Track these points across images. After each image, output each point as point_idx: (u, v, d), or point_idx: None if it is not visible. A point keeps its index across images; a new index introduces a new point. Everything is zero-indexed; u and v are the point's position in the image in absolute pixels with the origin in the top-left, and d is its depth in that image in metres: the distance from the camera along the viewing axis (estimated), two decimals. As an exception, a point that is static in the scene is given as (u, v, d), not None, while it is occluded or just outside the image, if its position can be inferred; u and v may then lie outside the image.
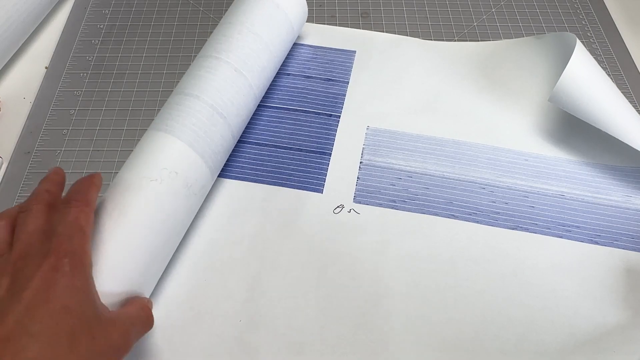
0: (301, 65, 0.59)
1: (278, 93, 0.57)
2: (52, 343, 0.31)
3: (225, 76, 0.48)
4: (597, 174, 0.51)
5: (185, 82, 0.47)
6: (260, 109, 0.55)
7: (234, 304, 0.44)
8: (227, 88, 0.47)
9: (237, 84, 0.48)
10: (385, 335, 0.43)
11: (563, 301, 0.45)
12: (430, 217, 0.49)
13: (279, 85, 0.57)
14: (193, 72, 0.48)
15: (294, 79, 0.58)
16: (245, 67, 0.49)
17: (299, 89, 0.57)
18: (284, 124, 0.54)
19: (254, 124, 0.54)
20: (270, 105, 0.56)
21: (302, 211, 0.49)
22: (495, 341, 0.43)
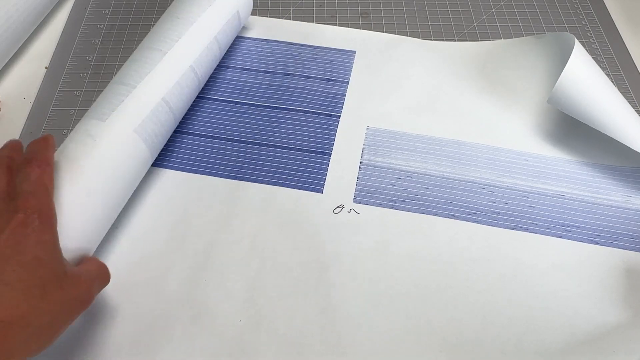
0: (301, 65, 0.59)
1: (278, 93, 0.57)
2: (25, 292, 0.33)
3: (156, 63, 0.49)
4: (597, 174, 0.51)
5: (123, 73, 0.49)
6: (260, 109, 0.56)
7: (234, 304, 0.44)
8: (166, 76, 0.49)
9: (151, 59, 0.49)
10: (385, 335, 0.43)
11: (563, 301, 0.45)
12: (430, 217, 0.49)
13: (279, 86, 0.57)
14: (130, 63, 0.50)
15: (294, 79, 0.58)
16: (161, 45, 0.50)
17: (298, 89, 0.57)
18: (284, 124, 0.54)
19: (253, 124, 0.55)
20: (270, 105, 0.56)
21: (302, 211, 0.49)
22: (495, 341, 0.43)
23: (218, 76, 0.58)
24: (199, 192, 0.50)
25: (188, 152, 0.53)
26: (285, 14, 0.65)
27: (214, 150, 0.53)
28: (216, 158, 0.52)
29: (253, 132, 0.54)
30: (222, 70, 0.58)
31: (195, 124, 0.54)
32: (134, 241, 0.47)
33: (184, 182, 0.51)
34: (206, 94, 0.57)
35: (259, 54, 0.60)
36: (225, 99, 0.56)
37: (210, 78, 0.58)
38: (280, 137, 0.54)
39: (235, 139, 0.53)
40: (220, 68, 0.59)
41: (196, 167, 0.52)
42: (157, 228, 0.48)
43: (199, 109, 0.55)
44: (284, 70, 0.59)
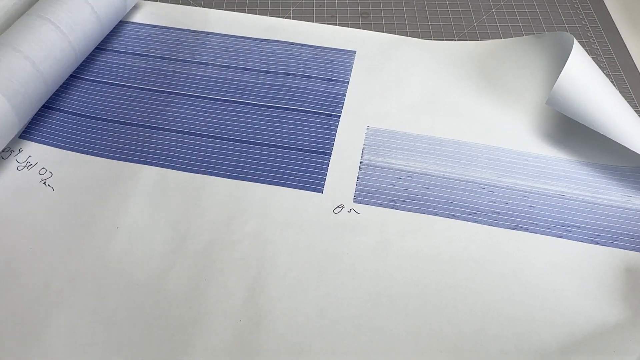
0: (301, 65, 0.59)
1: (278, 93, 0.57)
2: None
3: (35, 26, 0.51)
4: (597, 174, 0.51)
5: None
6: (260, 108, 0.56)
7: (234, 304, 0.44)
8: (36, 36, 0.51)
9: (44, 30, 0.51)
10: (385, 335, 0.43)
11: (563, 301, 0.45)
12: (430, 217, 0.49)
13: (279, 86, 0.57)
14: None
15: (294, 78, 0.58)
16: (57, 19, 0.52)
17: (299, 89, 0.57)
18: (284, 123, 0.54)
19: (253, 124, 0.54)
20: (270, 105, 0.56)
21: (302, 211, 0.49)
22: (495, 341, 0.43)
23: (218, 76, 0.58)
24: (199, 191, 0.50)
25: (188, 151, 0.53)
26: (285, 13, 0.65)
27: (215, 150, 0.53)
28: (216, 158, 0.52)
29: (253, 132, 0.54)
30: (222, 70, 0.59)
31: (195, 124, 0.54)
32: (134, 241, 0.47)
33: (184, 181, 0.51)
34: (206, 93, 0.57)
35: (260, 53, 0.60)
36: (225, 99, 0.56)
37: (211, 78, 0.58)
38: (280, 137, 0.54)
39: (235, 139, 0.53)
40: (221, 68, 0.59)
41: (196, 166, 0.52)
42: (157, 228, 0.48)
43: (199, 109, 0.55)
44: (284, 70, 0.59)
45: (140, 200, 0.50)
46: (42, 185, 0.50)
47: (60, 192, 0.50)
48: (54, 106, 0.55)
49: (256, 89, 0.57)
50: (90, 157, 0.52)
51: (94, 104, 0.56)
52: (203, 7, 0.65)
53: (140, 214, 0.49)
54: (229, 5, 0.66)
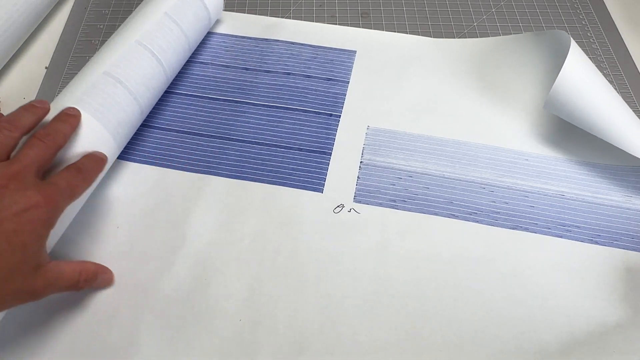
0: (302, 65, 0.59)
1: (279, 92, 0.57)
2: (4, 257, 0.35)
3: (135, 54, 0.50)
4: (597, 174, 0.51)
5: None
6: (261, 108, 0.56)
7: (234, 303, 0.44)
8: (135, 64, 0.49)
9: (145, 60, 0.50)
10: (385, 334, 0.43)
11: (563, 301, 0.45)
12: (430, 217, 0.49)
13: (280, 85, 0.57)
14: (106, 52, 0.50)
15: (295, 78, 0.58)
16: (154, 46, 0.51)
17: (299, 89, 0.57)
18: (285, 123, 0.54)
19: (254, 123, 0.54)
20: (271, 104, 0.56)
21: (302, 211, 0.49)
22: (495, 341, 0.43)
23: (219, 75, 0.58)
24: (200, 191, 0.50)
25: (189, 151, 0.53)
26: (285, 13, 0.65)
27: (215, 150, 0.53)
28: (217, 157, 0.52)
29: (253, 132, 0.54)
30: (223, 70, 0.58)
31: (196, 123, 0.54)
32: (134, 240, 0.47)
33: (184, 181, 0.51)
34: (207, 93, 0.57)
35: (260, 53, 0.60)
36: (226, 99, 0.56)
37: (211, 78, 0.58)
38: (281, 136, 0.54)
39: (235, 138, 0.53)
40: (221, 67, 0.59)
41: (197, 166, 0.52)
42: (158, 227, 0.48)
43: (199, 109, 0.55)
44: (284, 70, 0.59)
45: (141, 200, 0.50)
46: None
47: None
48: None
49: (256, 88, 0.57)
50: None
51: None
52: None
53: (141, 214, 0.49)
54: (228, 5, 0.65)
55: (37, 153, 0.39)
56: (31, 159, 0.38)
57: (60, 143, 0.41)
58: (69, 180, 0.40)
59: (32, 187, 0.37)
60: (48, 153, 0.40)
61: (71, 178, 0.40)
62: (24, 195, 0.36)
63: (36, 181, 0.38)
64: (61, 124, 0.42)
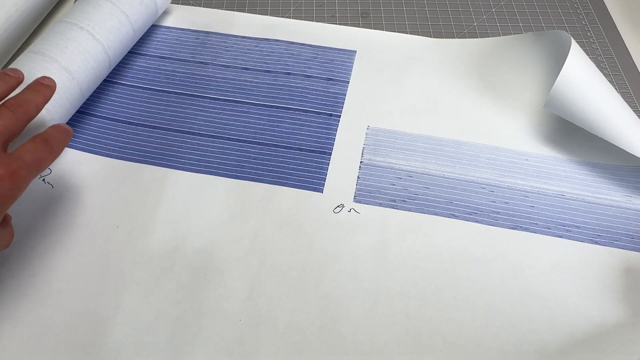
0: (302, 65, 0.59)
1: (279, 92, 0.57)
2: None
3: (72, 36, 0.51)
4: (597, 174, 0.51)
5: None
6: (261, 108, 0.56)
7: (234, 303, 0.44)
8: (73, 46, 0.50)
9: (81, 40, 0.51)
10: (385, 335, 0.43)
11: (563, 301, 0.45)
12: (430, 217, 0.49)
13: (280, 85, 0.57)
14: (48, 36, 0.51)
15: (295, 78, 0.58)
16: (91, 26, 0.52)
17: (299, 88, 0.57)
18: (285, 123, 0.54)
19: (254, 123, 0.54)
20: (271, 104, 0.56)
21: (302, 210, 0.49)
22: (495, 341, 0.43)
23: (219, 75, 0.58)
24: (200, 191, 0.50)
25: (189, 151, 0.53)
26: (285, 13, 0.65)
27: (215, 150, 0.53)
28: (217, 157, 0.52)
29: (254, 132, 0.54)
30: (223, 70, 0.58)
31: (196, 123, 0.54)
32: (134, 240, 0.47)
33: (184, 181, 0.51)
34: (207, 93, 0.57)
35: (260, 53, 0.60)
36: (226, 98, 0.56)
37: (212, 77, 0.58)
38: (281, 136, 0.54)
39: (236, 139, 0.53)
40: (221, 67, 0.59)
41: (197, 166, 0.52)
42: (158, 227, 0.48)
43: (200, 108, 0.55)
44: (284, 70, 0.59)
45: (140, 199, 0.49)
46: (42, 182, 0.50)
47: (60, 189, 0.50)
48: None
49: (257, 88, 0.57)
50: (91, 156, 0.52)
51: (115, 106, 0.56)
52: (203, 7, 0.65)
53: (141, 213, 0.49)
54: (229, 5, 0.65)
55: (5, 124, 0.38)
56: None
57: (32, 114, 0.40)
58: (35, 153, 0.38)
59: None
60: (17, 125, 0.39)
61: (37, 151, 0.39)
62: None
63: (1, 154, 0.37)
64: (33, 94, 0.41)
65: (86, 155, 0.52)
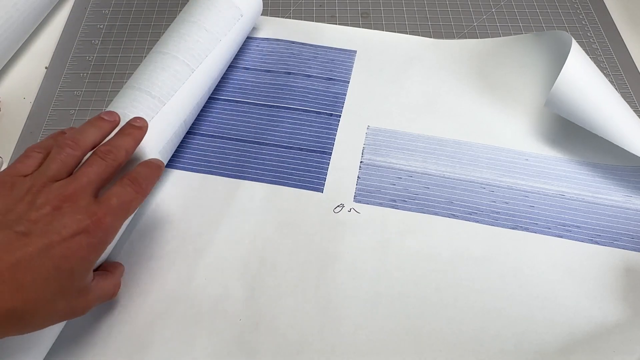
0: (302, 65, 0.59)
1: (279, 92, 0.57)
2: (45, 291, 0.34)
3: (169, 68, 0.49)
4: (597, 174, 0.51)
5: (136, 77, 0.49)
6: (261, 108, 0.56)
7: (234, 303, 0.44)
8: (170, 79, 0.48)
9: (180, 74, 0.49)
10: (385, 334, 0.43)
11: (563, 301, 0.45)
12: (430, 217, 0.49)
13: (280, 85, 0.57)
14: (143, 68, 0.49)
15: (295, 77, 0.58)
16: (189, 58, 0.50)
17: (299, 88, 0.57)
18: (285, 123, 0.54)
19: (254, 123, 0.54)
20: (272, 104, 0.56)
21: (303, 210, 0.49)
22: (495, 341, 0.43)
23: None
24: (200, 191, 0.50)
25: (189, 151, 0.53)
26: (285, 13, 0.65)
27: (215, 150, 0.53)
28: (217, 157, 0.52)
29: (254, 131, 0.54)
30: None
31: (196, 123, 0.54)
32: (135, 240, 0.47)
33: (185, 181, 0.51)
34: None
35: (260, 52, 0.60)
36: (226, 98, 0.56)
37: (212, 78, 0.58)
38: (281, 136, 0.54)
39: (236, 138, 0.53)
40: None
41: (197, 166, 0.52)
42: (158, 226, 0.48)
43: (201, 109, 0.55)
44: (285, 69, 0.58)
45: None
46: None
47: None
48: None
49: (257, 88, 0.57)
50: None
51: None
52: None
53: (139, 212, 0.49)
54: (229, 5, 0.65)
55: (96, 172, 0.38)
56: (88, 178, 0.37)
57: (122, 160, 0.40)
58: (122, 196, 0.38)
59: (84, 210, 0.36)
60: (107, 172, 0.39)
61: (125, 193, 0.38)
62: (75, 219, 0.35)
63: (90, 202, 0.36)
64: (124, 139, 0.41)
65: None
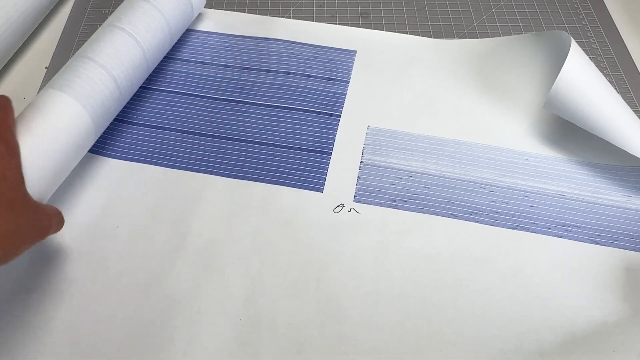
0: (302, 64, 0.59)
1: (279, 92, 0.57)
2: None
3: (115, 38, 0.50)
4: (597, 174, 0.51)
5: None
6: (261, 108, 0.56)
7: (234, 303, 0.44)
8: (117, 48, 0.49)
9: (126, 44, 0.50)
10: (385, 335, 0.43)
11: (563, 301, 0.45)
12: (430, 217, 0.49)
13: (280, 84, 0.57)
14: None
15: (295, 77, 0.58)
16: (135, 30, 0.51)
17: (299, 88, 0.57)
18: (285, 123, 0.54)
19: (255, 122, 0.54)
20: (272, 104, 0.56)
21: (303, 210, 0.49)
22: (495, 341, 0.43)
23: (219, 75, 0.58)
24: (200, 191, 0.50)
25: (189, 150, 0.53)
26: (285, 13, 0.65)
27: (215, 149, 0.53)
28: (217, 157, 0.52)
29: (254, 131, 0.54)
30: (223, 69, 0.58)
31: (196, 122, 0.54)
32: (134, 240, 0.47)
33: (184, 180, 0.51)
34: (207, 93, 0.57)
35: (260, 52, 0.60)
36: (226, 98, 0.56)
37: (212, 77, 0.58)
38: (281, 136, 0.54)
39: (236, 138, 0.53)
40: (221, 67, 0.59)
41: (196, 166, 0.52)
42: (158, 227, 0.48)
43: (200, 108, 0.55)
44: (285, 69, 0.58)
45: (141, 199, 0.50)
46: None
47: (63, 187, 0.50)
48: None
49: (257, 88, 0.57)
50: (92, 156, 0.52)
51: None
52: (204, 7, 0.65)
53: (141, 213, 0.49)
54: (229, 5, 0.65)
55: None
56: None
57: None
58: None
59: None
60: None
61: None
62: None
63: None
64: None
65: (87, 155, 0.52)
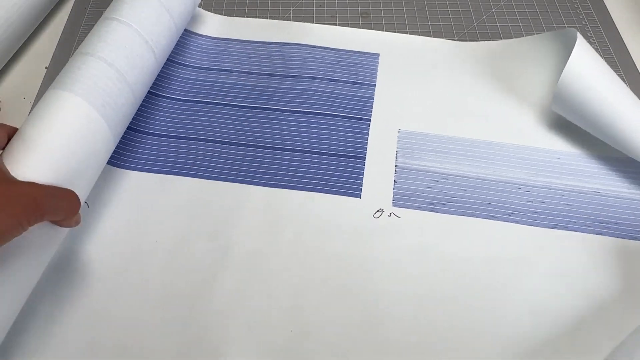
0: (326, 69, 0.58)
1: (306, 97, 0.56)
2: None
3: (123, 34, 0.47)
4: (629, 169, 0.52)
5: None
6: (289, 114, 0.55)
7: (282, 314, 0.44)
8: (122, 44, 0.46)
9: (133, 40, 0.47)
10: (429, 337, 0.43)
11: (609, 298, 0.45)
12: (469, 219, 0.49)
13: (306, 90, 0.56)
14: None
15: (320, 82, 0.57)
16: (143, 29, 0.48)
17: (326, 93, 0.56)
18: (314, 128, 0.54)
19: (283, 129, 0.54)
20: (299, 110, 0.55)
21: (342, 216, 0.49)
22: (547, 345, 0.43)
23: (243, 83, 0.57)
24: (236, 201, 0.49)
25: (221, 160, 0.51)
26: (285, 14, 0.64)
27: (247, 158, 0.52)
28: (250, 166, 0.51)
29: (284, 138, 0.53)
30: (246, 76, 0.57)
31: (225, 131, 0.53)
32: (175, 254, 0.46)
33: (219, 191, 0.50)
34: (235, 101, 0.55)
35: (282, 58, 0.59)
36: (253, 105, 0.55)
37: (236, 85, 0.57)
38: (311, 142, 0.53)
39: (268, 146, 0.53)
40: (244, 74, 0.58)
41: (230, 175, 0.51)
42: (197, 239, 0.47)
43: (227, 117, 0.54)
44: (309, 74, 0.58)
45: (179, 212, 0.48)
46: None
47: (93, 205, 0.48)
48: None
49: (283, 94, 0.56)
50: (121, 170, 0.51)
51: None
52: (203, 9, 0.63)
53: (179, 226, 0.47)
54: (228, 6, 0.64)
55: None
56: None
57: None
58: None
59: None
60: None
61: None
62: None
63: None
64: None
65: (116, 169, 0.51)
